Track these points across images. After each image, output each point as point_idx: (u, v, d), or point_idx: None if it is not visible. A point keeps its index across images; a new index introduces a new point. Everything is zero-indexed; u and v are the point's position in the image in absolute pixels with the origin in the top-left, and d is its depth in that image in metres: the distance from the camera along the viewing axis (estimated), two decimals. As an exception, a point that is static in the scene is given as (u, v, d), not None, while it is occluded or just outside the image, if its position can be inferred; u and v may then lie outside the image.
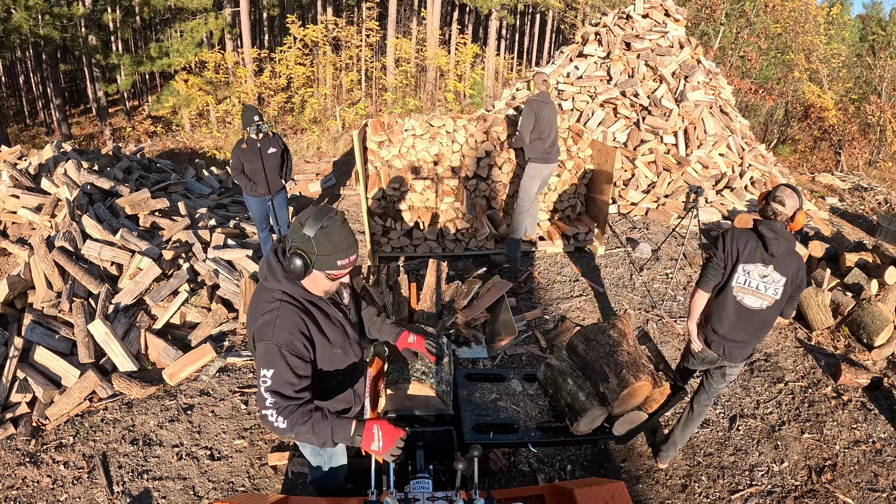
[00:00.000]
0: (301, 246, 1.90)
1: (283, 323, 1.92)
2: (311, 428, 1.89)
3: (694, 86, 8.05)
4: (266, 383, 1.88)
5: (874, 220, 8.86)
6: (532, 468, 3.46)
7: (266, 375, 1.89)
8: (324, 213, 1.92)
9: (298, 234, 1.90)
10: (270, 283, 1.99)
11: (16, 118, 22.15)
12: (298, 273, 1.92)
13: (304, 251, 1.90)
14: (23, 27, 13.62)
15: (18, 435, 3.54)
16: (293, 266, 1.90)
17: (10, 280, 4.38)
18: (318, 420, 1.90)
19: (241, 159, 5.19)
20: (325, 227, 1.89)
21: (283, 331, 1.91)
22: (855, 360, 4.54)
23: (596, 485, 2.00)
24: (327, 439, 1.90)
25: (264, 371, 1.89)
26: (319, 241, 1.88)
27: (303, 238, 1.89)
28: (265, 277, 2.01)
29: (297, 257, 1.90)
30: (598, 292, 5.44)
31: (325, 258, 1.91)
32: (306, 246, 1.89)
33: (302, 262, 1.90)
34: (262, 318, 1.94)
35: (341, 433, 1.90)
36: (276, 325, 1.91)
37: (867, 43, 27.94)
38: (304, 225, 1.90)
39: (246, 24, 16.71)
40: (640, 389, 2.41)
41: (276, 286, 1.99)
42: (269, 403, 1.88)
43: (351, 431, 1.90)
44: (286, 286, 1.98)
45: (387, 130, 5.85)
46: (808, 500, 3.36)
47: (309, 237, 1.88)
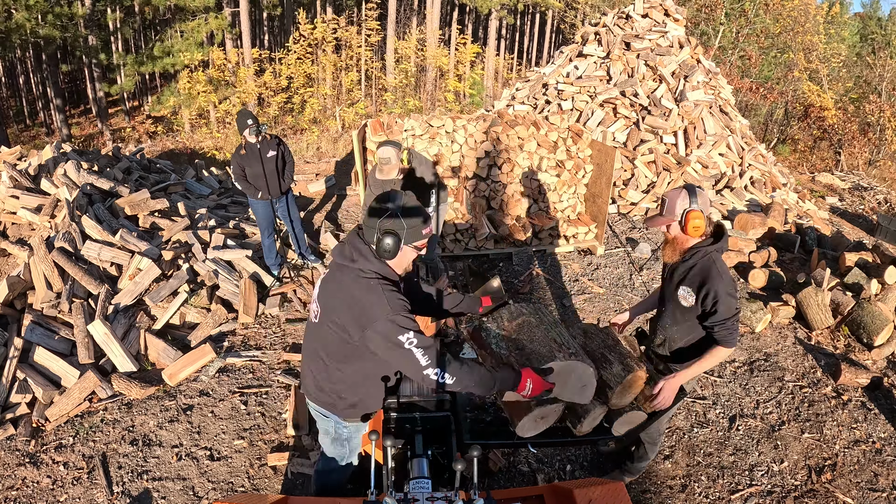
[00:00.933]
0: (390, 226, 1.99)
1: (392, 298, 1.98)
2: (478, 381, 2.02)
3: (693, 85, 8.05)
4: (413, 342, 1.93)
5: (874, 219, 8.86)
6: (532, 468, 3.46)
7: (409, 338, 1.94)
8: (397, 192, 2.05)
9: (384, 214, 2.00)
10: (360, 262, 2.04)
11: (16, 118, 22.15)
12: (392, 252, 2.00)
13: (394, 230, 1.99)
14: (23, 27, 13.62)
15: (18, 435, 3.54)
16: (386, 246, 1.98)
17: (10, 281, 4.38)
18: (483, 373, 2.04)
19: (242, 164, 5.15)
20: (406, 202, 2.03)
21: (395, 301, 1.98)
22: (855, 360, 4.54)
23: (596, 485, 2.00)
24: (492, 386, 2.04)
25: (404, 336, 1.93)
26: (406, 215, 2.01)
27: (391, 216, 1.99)
28: (351, 259, 2.05)
29: (388, 236, 1.98)
30: (597, 292, 5.44)
31: (414, 230, 2.03)
32: (395, 225, 1.99)
33: (394, 240, 1.98)
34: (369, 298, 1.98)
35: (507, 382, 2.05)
36: (386, 300, 1.97)
37: (867, 42, 27.94)
38: (388, 206, 2.00)
39: (246, 25, 16.71)
40: (638, 380, 2.41)
41: (366, 266, 2.03)
42: (426, 363, 1.95)
43: (513, 380, 2.04)
44: (377, 266, 2.04)
45: (386, 130, 5.85)
46: (808, 499, 3.36)
47: (397, 214, 1.99)
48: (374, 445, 1.85)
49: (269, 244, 5.41)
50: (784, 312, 4.98)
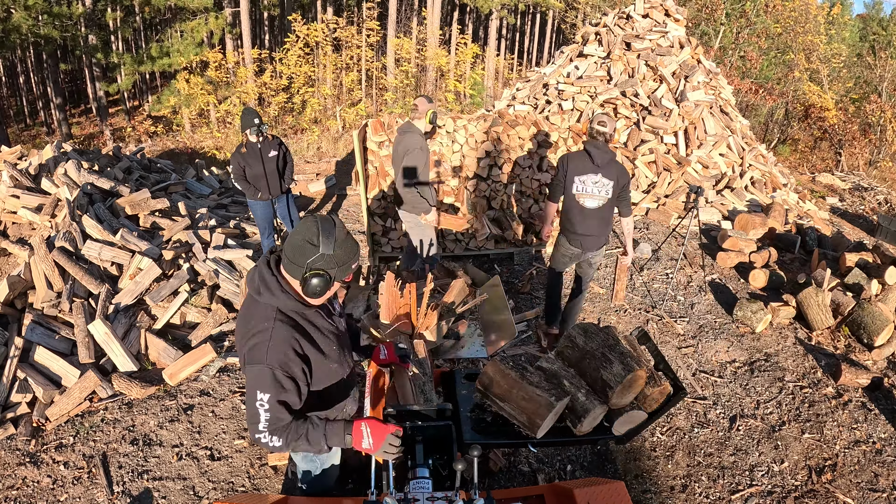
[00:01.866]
0: (321, 265, 1.86)
1: (277, 344, 1.87)
2: (307, 439, 1.90)
3: (694, 86, 8.05)
4: (263, 406, 1.85)
5: (874, 220, 8.86)
6: (532, 468, 3.46)
7: (262, 399, 1.85)
8: (328, 224, 1.89)
9: (314, 254, 1.85)
10: (265, 297, 1.93)
11: (16, 118, 22.16)
12: (321, 293, 1.89)
13: (325, 269, 1.87)
14: (22, 27, 13.62)
15: (18, 435, 3.54)
16: (316, 288, 1.87)
17: (11, 280, 4.38)
18: (310, 430, 1.91)
19: (242, 164, 5.14)
20: (338, 239, 1.88)
21: (276, 352, 1.86)
22: (855, 360, 4.54)
23: (596, 485, 2.00)
24: (322, 446, 1.91)
25: (260, 395, 1.84)
26: (338, 254, 1.88)
27: (321, 258, 1.85)
28: (258, 291, 1.94)
29: (317, 278, 1.86)
30: (597, 292, 5.44)
31: (345, 268, 1.91)
32: (326, 263, 1.87)
33: (323, 280, 1.86)
34: (255, 339, 1.88)
35: (335, 437, 1.91)
36: (269, 346, 1.86)
37: (867, 43, 27.93)
38: (318, 244, 1.85)
39: (246, 24, 16.71)
40: (639, 380, 2.41)
41: (270, 301, 1.93)
42: (262, 426, 1.86)
43: (342, 433, 1.91)
44: (281, 301, 1.93)
45: (387, 130, 5.85)
46: (809, 500, 3.36)
47: (329, 255, 1.86)
48: None
49: (268, 245, 5.40)
50: (784, 313, 4.98)
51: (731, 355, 4.64)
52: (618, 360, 2.43)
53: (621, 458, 3.63)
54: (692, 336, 4.84)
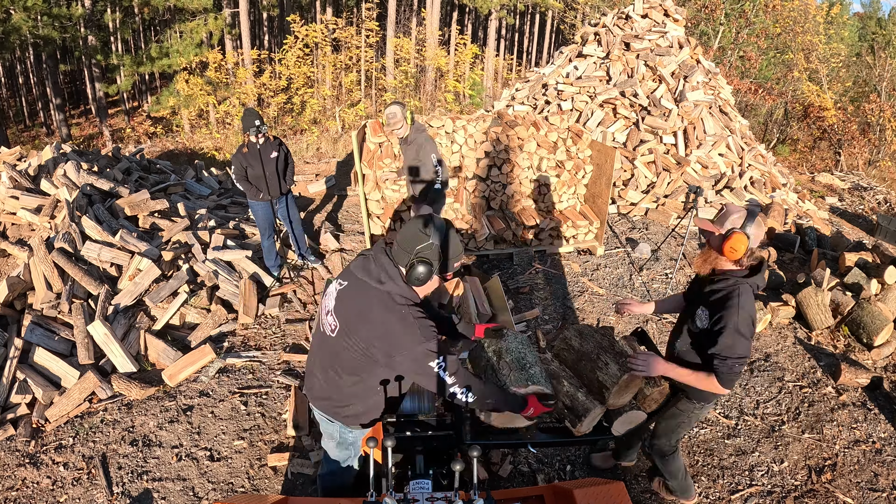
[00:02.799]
0: (427, 254, 1.98)
1: (421, 322, 2.00)
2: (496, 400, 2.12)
3: (693, 86, 8.05)
4: (442, 367, 1.99)
5: (874, 219, 8.86)
6: (532, 469, 3.46)
7: (439, 363, 1.98)
8: (441, 221, 2.04)
9: (424, 243, 1.98)
10: (388, 286, 2.03)
11: (15, 119, 22.15)
12: (424, 280, 1.99)
13: (429, 259, 1.98)
14: (22, 28, 13.62)
15: (18, 436, 3.54)
16: (418, 274, 1.97)
17: (10, 281, 4.38)
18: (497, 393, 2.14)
19: (243, 164, 5.14)
20: (446, 234, 2.02)
21: (426, 329, 2.00)
22: (855, 360, 4.54)
23: (596, 485, 2.00)
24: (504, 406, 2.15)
25: (434, 363, 1.98)
26: (445, 248, 2.01)
27: (430, 247, 1.98)
28: (379, 280, 2.04)
29: (422, 265, 1.97)
30: (597, 293, 5.44)
31: (448, 263, 2.04)
32: (432, 254, 1.99)
33: (427, 269, 1.97)
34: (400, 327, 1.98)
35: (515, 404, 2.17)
36: (418, 325, 1.98)
37: (866, 42, 27.95)
38: (430, 234, 1.99)
39: (245, 25, 16.71)
40: (633, 382, 2.41)
41: (393, 290, 2.03)
42: (452, 382, 2.01)
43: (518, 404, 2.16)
44: (405, 290, 2.05)
45: (385, 131, 5.86)
46: (808, 499, 3.36)
47: (436, 245, 1.99)
48: (374, 446, 1.85)
49: (268, 245, 5.40)
50: (784, 312, 4.98)
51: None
52: (613, 362, 2.43)
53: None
54: (692, 336, 4.84)
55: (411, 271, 1.98)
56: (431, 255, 1.99)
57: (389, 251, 2.10)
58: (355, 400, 2.22)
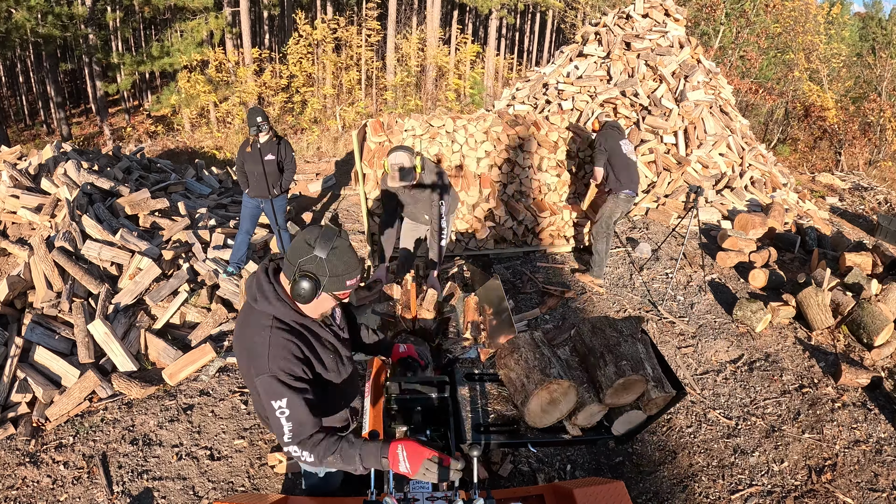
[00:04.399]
0: (311, 269, 1.81)
1: (277, 351, 1.84)
2: (340, 458, 1.84)
3: (694, 85, 8.05)
4: (283, 413, 1.80)
5: (874, 219, 8.86)
6: (532, 468, 3.46)
7: (281, 406, 1.80)
8: (331, 233, 1.86)
9: (307, 255, 1.82)
10: (261, 304, 1.89)
11: (16, 118, 22.15)
12: (306, 297, 1.82)
13: (314, 274, 1.82)
14: (23, 26, 13.62)
15: (18, 435, 3.54)
16: (301, 290, 1.81)
17: (10, 280, 4.38)
18: (345, 448, 1.84)
19: (243, 159, 5.16)
20: (336, 247, 1.83)
21: (278, 359, 1.83)
22: (855, 360, 4.54)
23: (596, 484, 2.00)
24: (357, 466, 1.84)
25: (276, 403, 1.80)
26: (332, 262, 1.82)
27: (313, 260, 1.81)
28: (254, 299, 1.91)
29: (306, 280, 1.80)
30: (598, 291, 5.44)
31: (337, 279, 1.85)
32: (317, 268, 1.82)
33: (311, 285, 1.81)
34: (253, 349, 1.85)
35: (370, 458, 1.82)
36: (270, 354, 1.82)
37: (867, 42, 27.94)
38: (314, 246, 1.81)
39: (246, 24, 16.71)
40: (635, 384, 2.40)
41: (266, 309, 1.89)
42: (289, 437, 1.82)
43: (378, 455, 1.82)
44: (277, 309, 1.89)
45: (386, 131, 5.85)
46: (808, 499, 3.36)
47: (321, 258, 1.81)
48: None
49: (240, 241, 5.23)
50: (784, 312, 4.98)
51: (730, 355, 4.64)
52: (612, 363, 2.43)
53: (621, 458, 3.63)
54: (692, 336, 4.84)
55: (294, 286, 1.81)
56: (316, 270, 1.81)
57: (271, 268, 1.97)
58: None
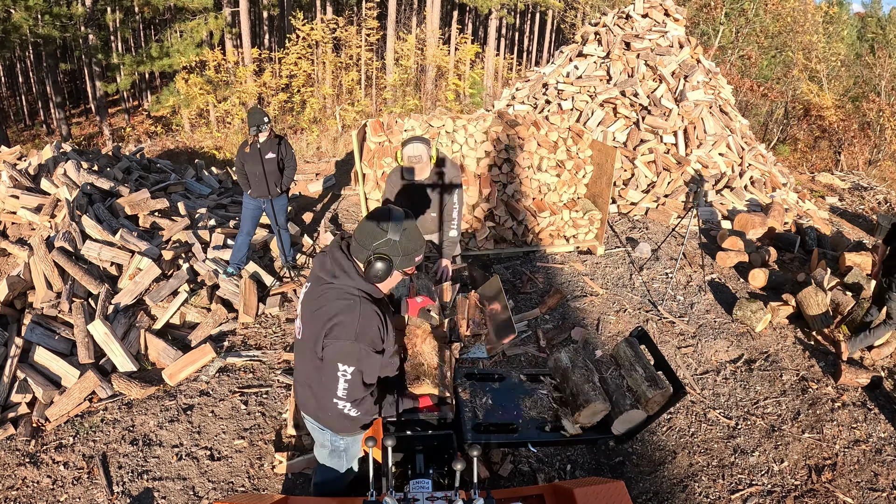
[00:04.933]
0: (386, 250, 1.96)
1: (366, 321, 1.96)
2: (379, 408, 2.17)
3: (693, 85, 8.05)
4: (345, 376, 1.96)
5: (874, 219, 8.86)
6: (532, 468, 3.46)
7: (346, 370, 1.96)
8: (399, 215, 2.00)
9: (381, 239, 1.96)
10: (342, 280, 2.00)
11: (16, 118, 22.15)
12: (382, 277, 1.97)
13: (389, 255, 1.97)
14: (23, 27, 13.62)
15: (18, 435, 3.54)
16: (378, 271, 1.95)
17: (10, 280, 4.38)
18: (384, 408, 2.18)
19: (242, 160, 5.15)
20: (406, 228, 1.99)
21: (366, 329, 1.96)
22: (855, 360, 4.54)
23: (596, 484, 2.00)
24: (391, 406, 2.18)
25: (345, 367, 1.95)
26: (403, 243, 1.98)
27: (387, 243, 1.96)
28: (333, 275, 2.01)
29: (380, 261, 1.95)
30: (598, 292, 5.44)
31: (408, 257, 2.02)
32: (391, 250, 1.97)
33: (386, 265, 1.95)
34: (342, 316, 1.95)
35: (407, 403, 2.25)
36: (360, 323, 1.95)
37: (866, 42, 27.95)
38: (387, 230, 1.95)
39: (246, 24, 16.71)
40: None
41: (349, 283, 2.00)
42: (343, 395, 1.99)
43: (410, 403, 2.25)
44: (359, 283, 2.02)
45: (386, 131, 5.85)
46: (808, 499, 3.36)
47: (395, 241, 1.96)
48: (374, 445, 1.86)
49: (241, 242, 5.22)
50: (784, 312, 4.98)
51: (730, 355, 4.64)
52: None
53: (621, 458, 3.63)
54: (692, 336, 4.84)
55: (369, 268, 1.96)
56: (390, 251, 1.97)
57: (344, 246, 2.07)
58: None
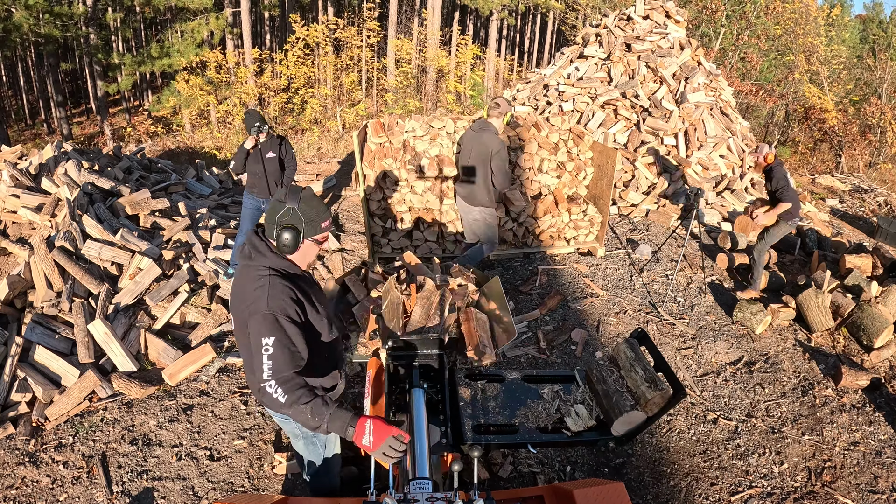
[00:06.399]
0: (289, 220, 2.03)
1: (275, 292, 1.99)
2: (311, 409, 1.89)
3: (694, 87, 8.05)
4: (268, 351, 1.91)
5: (874, 221, 8.86)
6: (532, 469, 3.46)
7: (267, 344, 1.92)
8: (297, 188, 2.09)
9: (281, 209, 2.03)
10: (256, 259, 2.07)
11: (16, 117, 22.16)
12: (291, 246, 2.04)
13: (293, 223, 2.03)
14: (23, 26, 13.62)
15: (18, 434, 3.54)
16: (285, 240, 2.02)
17: (10, 280, 4.38)
18: (318, 404, 1.90)
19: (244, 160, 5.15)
20: (303, 196, 2.06)
21: (276, 300, 1.98)
22: (855, 362, 4.54)
23: (596, 486, 2.00)
24: (321, 425, 1.89)
25: (265, 340, 1.92)
26: (303, 210, 2.05)
27: (288, 212, 2.03)
28: (249, 256, 2.08)
29: (287, 231, 2.02)
30: (598, 294, 5.44)
31: (312, 224, 2.07)
32: (293, 218, 2.04)
33: (293, 234, 2.02)
34: (254, 293, 1.99)
35: (337, 422, 1.89)
36: (269, 294, 1.97)
37: (867, 44, 27.96)
38: (285, 201, 2.04)
39: (247, 25, 16.72)
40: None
41: (262, 262, 2.06)
42: (267, 374, 1.90)
43: (346, 422, 1.88)
44: (273, 261, 2.07)
45: (387, 132, 5.86)
46: (808, 501, 3.36)
47: (294, 209, 2.03)
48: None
49: (241, 242, 5.28)
50: (784, 314, 4.98)
51: (730, 357, 4.64)
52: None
53: (621, 460, 3.63)
54: (692, 337, 4.84)
55: (279, 241, 2.03)
56: (293, 220, 2.03)
57: (259, 231, 2.15)
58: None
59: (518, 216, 5.92)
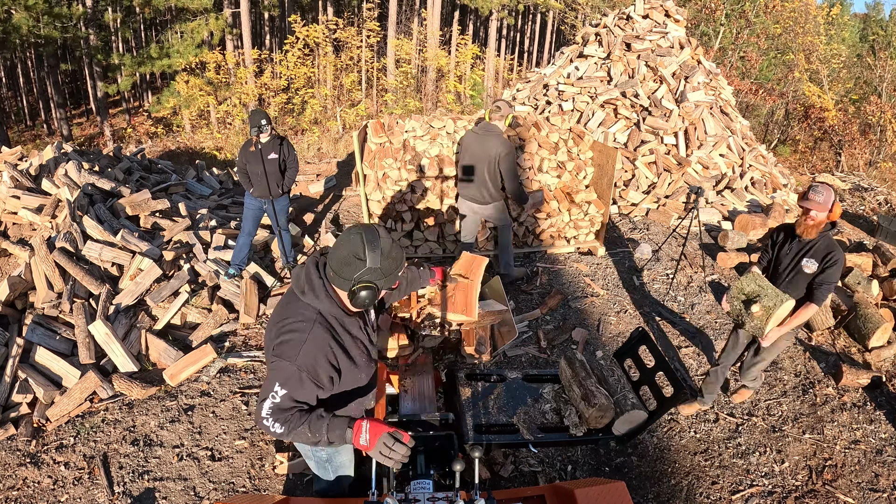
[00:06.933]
0: (367, 278, 1.88)
1: (312, 348, 1.89)
2: (308, 427, 1.87)
3: (694, 86, 8.05)
4: (274, 399, 1.86)
5: (874, 220, 8.86)
6: (533, 469, 3.46)
7: (276, 392, 1.86)
8: (373, 237, 1.89)
9: (361, 269, 1.86)
10: (308, 297, 1.95)
11: (16, 118, 22.16)
12: (370, 303, 1.89)
13: (371, 281, 1.88)
14: (23, 27, 13.63)
15: (19, 435, 3.55)
16: (363, 300, 1.88)
17: (11, 281, 4.39)
18: (314, 420, 1.88)
19: (245, 160, 5.15)
20: (384, 251, 1.89)
21: (309, 356, 1.88)
22: (855, 361, 4.54)
23: (597, 485, 2.00)
24: (322, 436, 1.87)
25: (277, 386, 1.86)
26: (384, 266, 1.89)
27: (370, 271, 1.87)
28: (302, 291, 1.96)
29: (365, 290, 1.87)
30: (598, 293, 5.44)
31: (390, 277, 1.93)
32: (373, 276, 1.88)
33: (371, 292, 1.88)
34: (290, 336, 1.90)
35: (336, 429, 1.87)
36: (304, 348, 1.88)
37: (867, 43, 27.96)
38: (365, 259, 1.86)
39: (246, 25, 16.72)
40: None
41: (313, 303, 1.94)
42: (267, 413, 1.86)
43: (344, 427, 1.87)
44: (324, 305, 1.95)
45: (387, 132, 5.86)
46: (809, 500, 3.36)
47: (377, 269, 1.88)
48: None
49: (242, 242, 5.22)
50: (785, 313, 4.97)
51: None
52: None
53: (622, 459, 3.63)
54: (692, 336, 4.84)
55: (355, 299, 1.89)
56: (373, 277, 1.89)
57: (321, 264, 2.01)
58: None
59: (518, 216, 5.92)
